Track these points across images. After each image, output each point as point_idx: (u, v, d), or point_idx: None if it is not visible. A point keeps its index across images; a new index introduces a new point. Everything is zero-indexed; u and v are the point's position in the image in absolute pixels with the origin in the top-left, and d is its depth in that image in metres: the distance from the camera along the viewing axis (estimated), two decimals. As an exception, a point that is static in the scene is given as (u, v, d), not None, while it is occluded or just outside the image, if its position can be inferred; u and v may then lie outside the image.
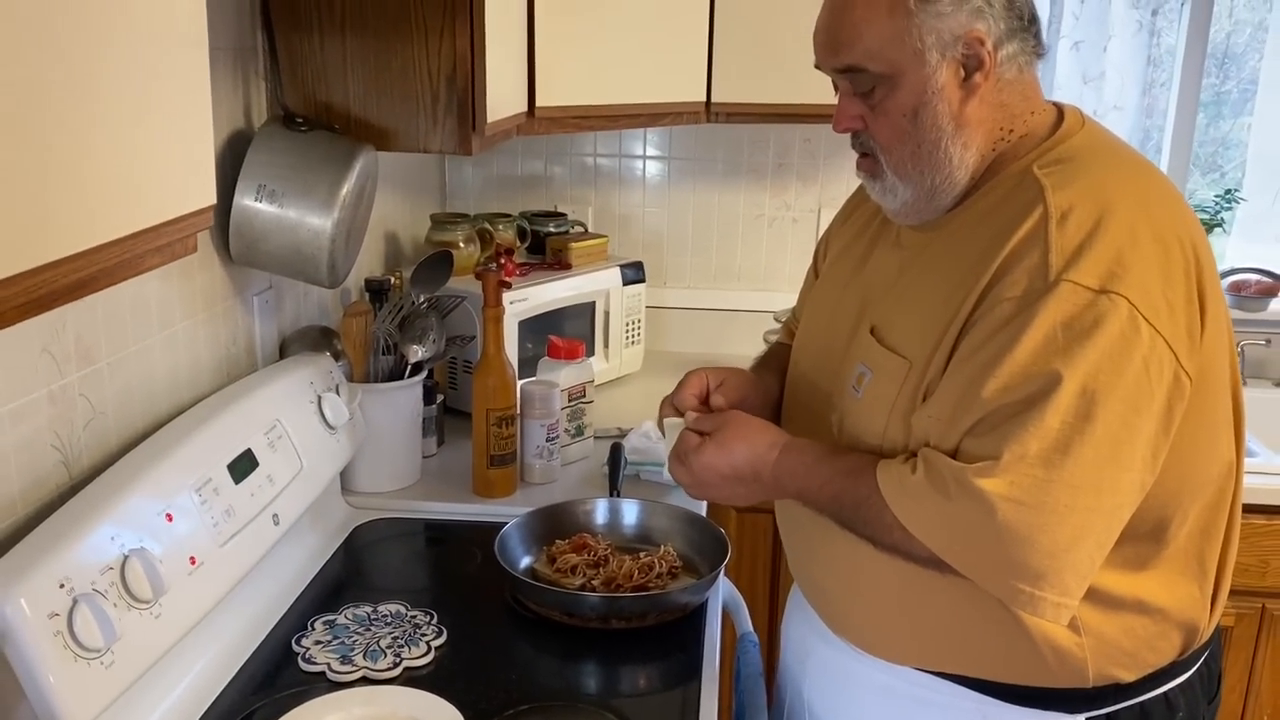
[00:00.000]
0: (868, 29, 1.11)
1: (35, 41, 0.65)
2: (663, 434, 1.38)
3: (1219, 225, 2.50)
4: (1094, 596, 1.09)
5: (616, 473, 1.78)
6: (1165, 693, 1.19)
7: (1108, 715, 1.17)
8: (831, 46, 1.15)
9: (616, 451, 1.82)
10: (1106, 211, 1.04)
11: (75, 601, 1.03)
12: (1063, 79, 2.43)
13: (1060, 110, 1.19)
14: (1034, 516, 1.01)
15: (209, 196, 0.89)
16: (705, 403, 1.36)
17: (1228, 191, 2.51)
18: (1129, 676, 1.15)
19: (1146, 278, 1.02)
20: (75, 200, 0.70)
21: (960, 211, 1.16)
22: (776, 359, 1.48)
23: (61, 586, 1.03)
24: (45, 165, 0.67)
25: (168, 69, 0.82)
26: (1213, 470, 1.14)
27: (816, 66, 1.18)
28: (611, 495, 1.72)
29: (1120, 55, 2.42)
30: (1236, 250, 2.54)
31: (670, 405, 1.37)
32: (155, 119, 0.80)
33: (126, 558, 1.11)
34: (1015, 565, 1.03)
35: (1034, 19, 1.14)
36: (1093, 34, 2.40)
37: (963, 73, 1.11)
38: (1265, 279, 2.45)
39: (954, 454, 1.07)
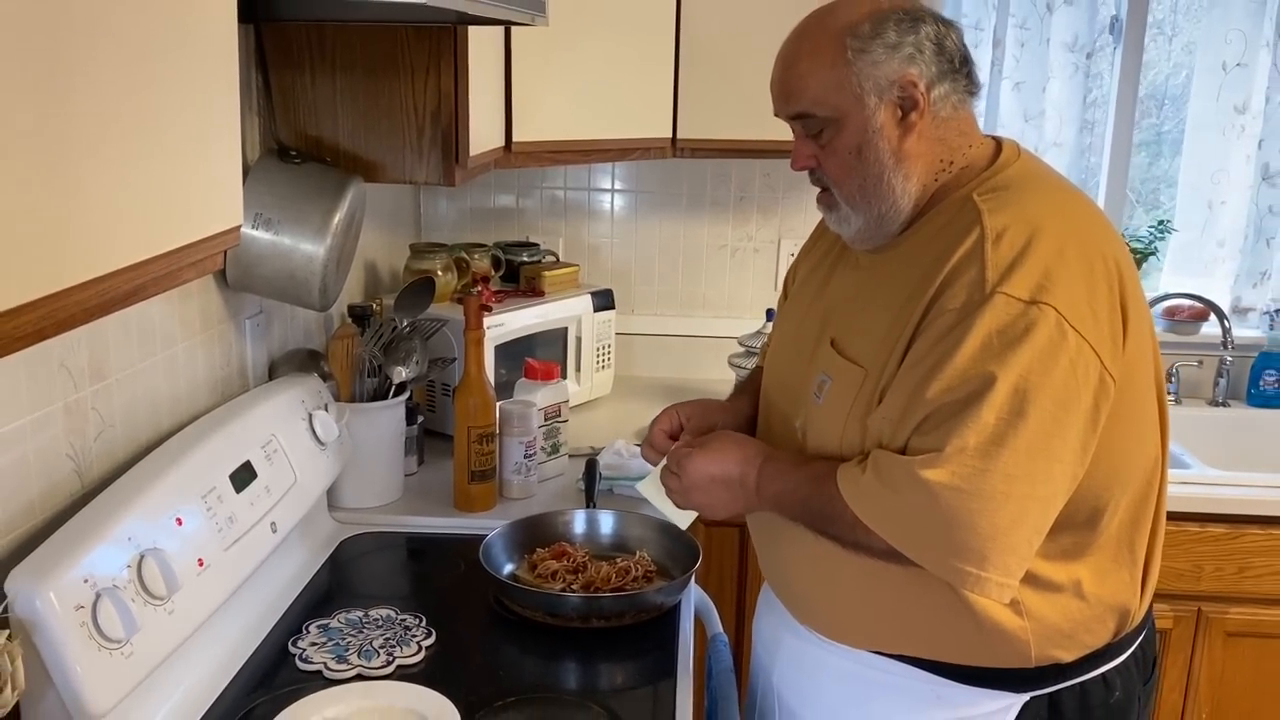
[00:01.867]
0: (812, 79, 1.24)
1: (115, 89, 0.76)
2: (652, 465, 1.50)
3: (1152, 254, 2.66)
4: (1035, 582, 1.21)
5: (592, 486, 1.87)
6: (1103, 674, 1.29)
7: (1050, 694, 1.27)
8: (784, 96, 1.28)
9: (591, 466, 1.91)
10: (1036, 232, 1.17)
11: (99, 596, 1.11)
12: (1006, 117, 2.58)
13: (999, 143, 1.31)
14: (974, 503, 1.12)
15: (237, 217, 0.99)
16: (676, 438, 1.48)
17: (1161, 222, 2.67)
18: (1068, 657, 1.26)
19: (1072, 290, 1.14)
20: (134, 218, 0.80)
21: (909, 235, 1.28)
22: (753, 382, 1.60)
23: (85, 582, 1.10)
24: (115, 187, 0.77)
25: (207, 103, 0.92)
26: (1140, 464, 1.26)
27: (775, 114, 1.31)
28: (588, 507, 1.81)
29: (1058, 95, 2.58)
30: (1171, 279, 2.69)
31: (649, 448, 1.50)
32: (199, 146, 0.90)
33: (143, 557, 1.19)
34: (960, 548, 1.14)
35: (965, 61, 1.26)
36: (1032, 75, 2.56)
37: (899, 113, 1.23)
38: (1196, 304, 2.60)
39: (903, 451, 1.18)
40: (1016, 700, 1.26)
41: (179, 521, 1.27)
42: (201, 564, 1.29)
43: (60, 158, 0.71)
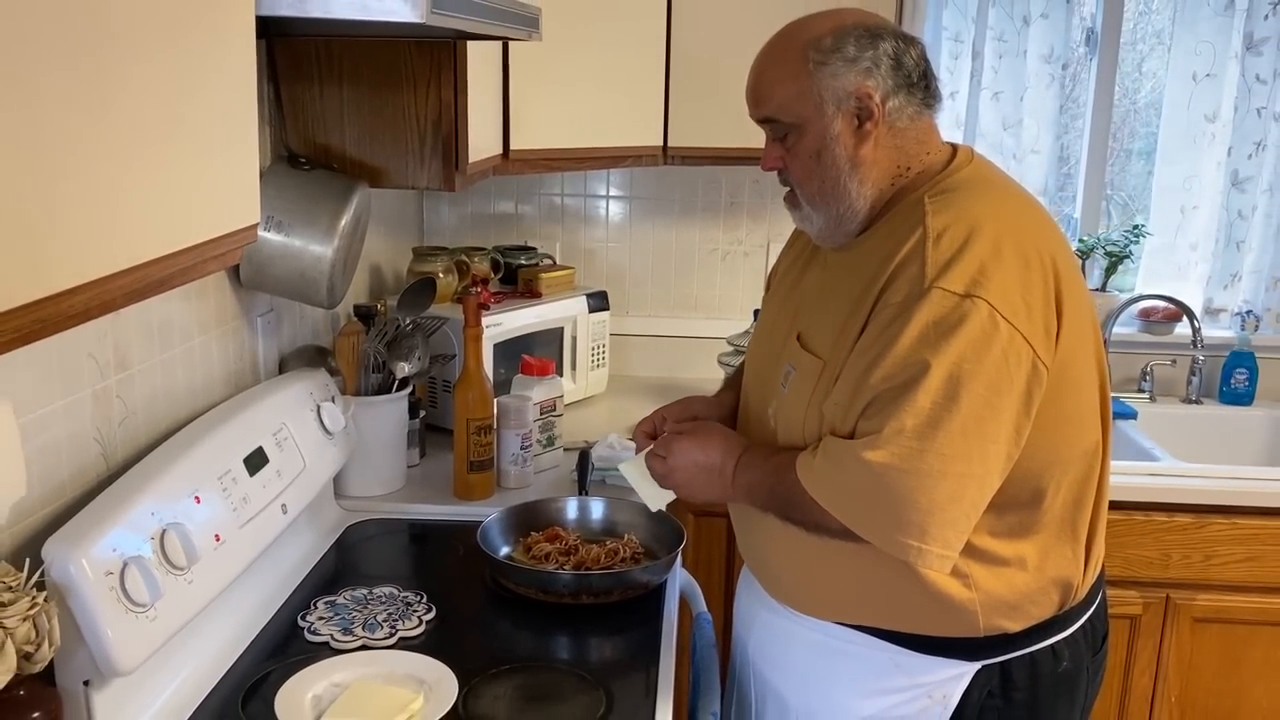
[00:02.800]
0: (778, 87, 1.35)
1: (153, 99, 0.86)
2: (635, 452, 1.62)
3: (1127, 257, 2.76)
4: (982, 557, 1.30)
5: (584, 475, 1.97)
6: (1052, 645, 1.39)
7: (1001, 663, 1.37)
8: (754, 101, 1.39)
9: (584, 456, 2.01)
10: (974, 230, 1.26)
11: (126, 564, 1.21)
12: (986, 125, 2.68)
13: (955, 149, 1.41)
14: (913, 480, 1.22)
15: (255, 215, 1.09)
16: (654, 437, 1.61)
17: (1135, 226, 2.77)
18: (1015, 627, 1.36)
19: (1006, 284, 1.24)
20: (168, 214, 0.91)
21: (868, 236, 1.38)
22: (738, 377, 1.71)
23: (114, 551, 1.21)
24: (151, 186, 0.88)
25: (229, 112, 1.03)
26: (1080, 448, 1.35)
27: (750, 116, 1.41)
28: (580, 495, 1.91)
29: (1035, 104, 2.68)
30: (1146, 281, 2.79)
31: (641, 434, 1.64)
32: (222, 151, 1.01)
33: (165, 531, 1.29)
34: (901, 523, 1.23)
35: (924, 75, 1.36)
36: (1010, 85, 2.66)
37: (856, 122, 1.33)
38: (1170, 306, 2.70)
39: (851, 434, 1.28)
40: (969, 668, 1.36)
41: (197, 500, 1.37)
42: (218, 539, 1.39)
43: (106, 160, 0.81)
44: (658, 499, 1.58)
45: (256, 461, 1.54)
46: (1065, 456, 1.33)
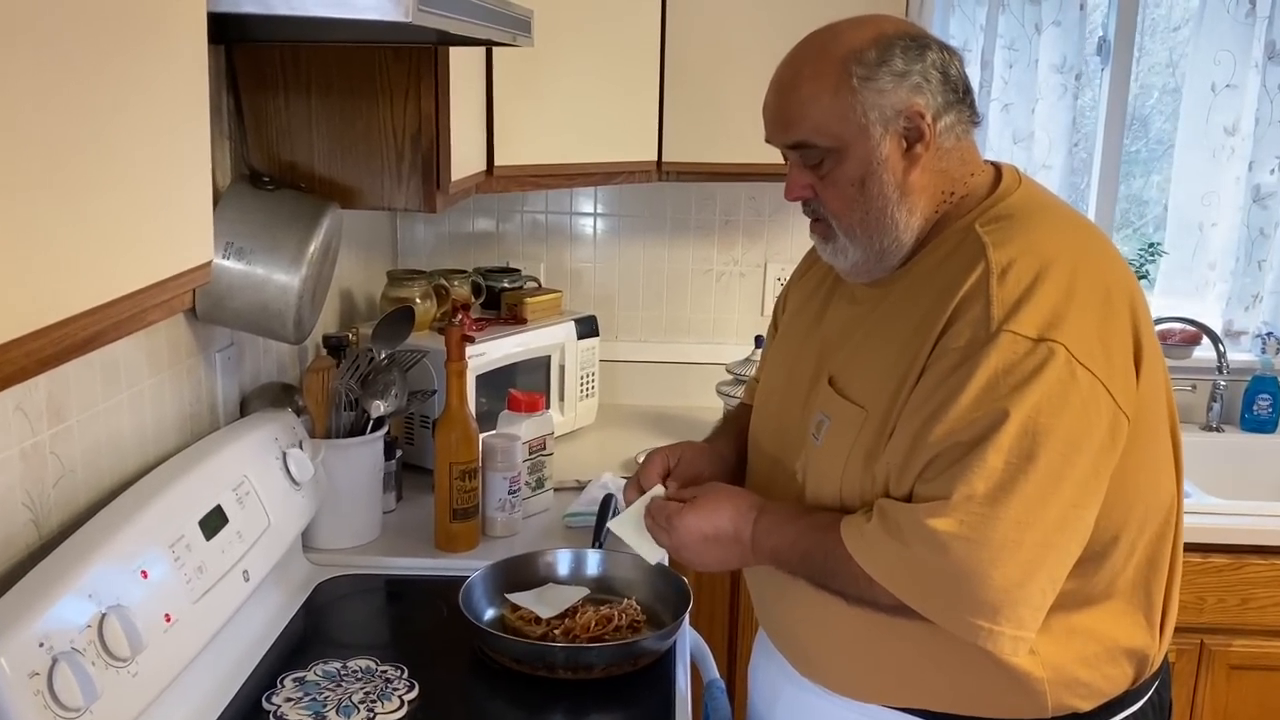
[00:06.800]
0: (814, 106, 1.17)
1: (71, 114, 0.69)
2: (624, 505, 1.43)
3: (1143, 277, 2.63)
4: (1050, 628, 1.14)
5: (601, 524, 1.78)
6: (1121, 720, 1.23)
7: (1066, 745, 1.21)
8: (781, 123, 1.21)
9: (606, 504, 1.82)
10: (1045, 266, 1.11)
11: (55, 660, 1.02)
12: (995, 139, 2.54)
13: (998, 169, 1.26)
14: (985, 553, 1.06)
15: (207, 252, 0.91)
16: (666, 480, 1.41)
17: (1151, 245, 2.64)
18: (1085, 706, 1.20)
19: (1083, 326, 1.09)
20: (94, 257, 0.73)
21: (909, 269, 1.22)
22: (735, 422, 1.54)
23: (41, 645, 1.02)
24: (71, 222, 0.70)
25: (175, 129, 0.85)
26: (1156, 504, 1.20)
27: (767, 140, 1.24)
28: (595, 545, 1.74)
29: (1047, 117, 2.55)
30: (1161, 302, 2.66)
31: (636, 485, 1.42)
32: (165, 179, 0.83)
33: (104, 616, 1.10)
34: (971, 602, 1.07)
35: (968, 90, 1.21)
36: (1021, 97, 2.52)
37: (904, 144, 1.17)
38: (1189, 328, 2.57)
39: (909, 498, 1.12)
40: None
41: (144, 574, 1.19)
42: (169, 619, 1.20)
43: (7, 191, 0.63)
44: (656, 553, 1.41)
45: (214, 523, 1.35)
46: (1140, 513, 1.18)
